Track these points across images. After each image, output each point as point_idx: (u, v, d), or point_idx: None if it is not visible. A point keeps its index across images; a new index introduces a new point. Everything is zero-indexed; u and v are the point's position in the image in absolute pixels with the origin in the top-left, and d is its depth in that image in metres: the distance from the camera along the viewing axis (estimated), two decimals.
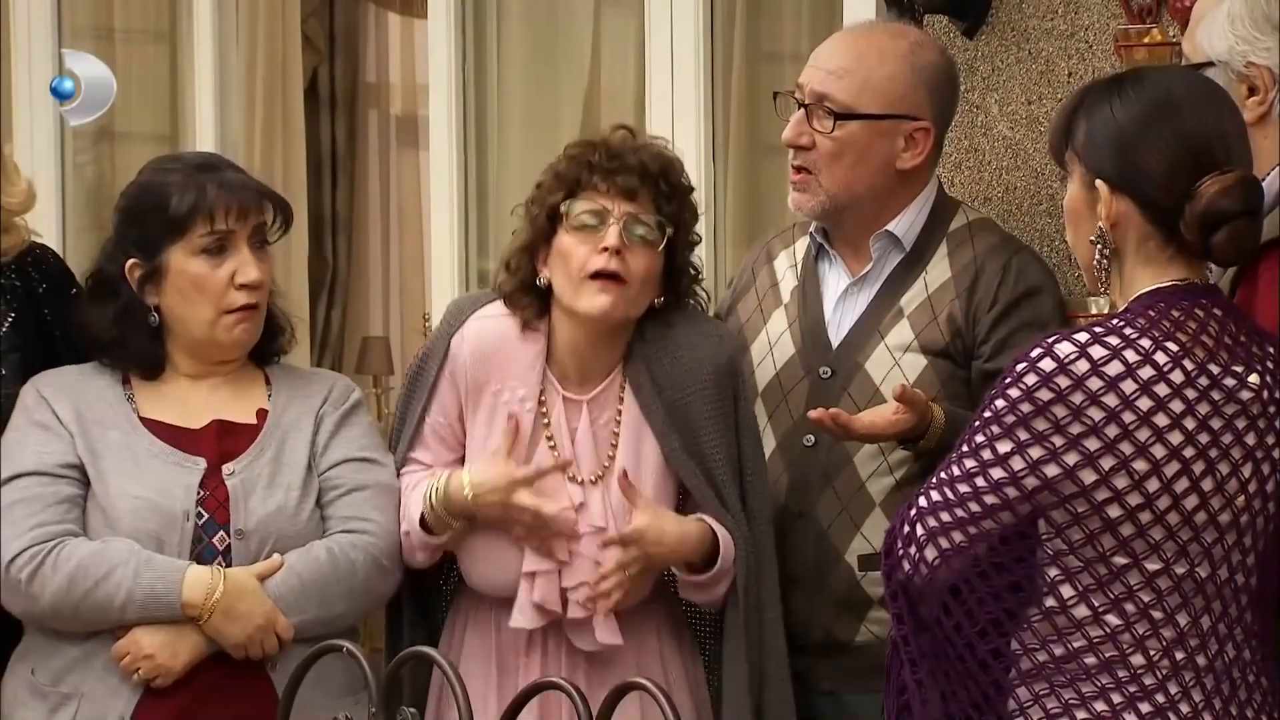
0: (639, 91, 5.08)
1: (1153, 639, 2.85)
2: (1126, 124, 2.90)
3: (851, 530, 3.71)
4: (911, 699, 2.91)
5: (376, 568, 3.60)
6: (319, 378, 3.80)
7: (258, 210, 3.65)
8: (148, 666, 3.51)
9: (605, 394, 3.66)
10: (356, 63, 7.90)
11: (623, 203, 3.58)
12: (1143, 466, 2.82)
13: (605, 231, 3.57)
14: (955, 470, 2.88)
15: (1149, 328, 2.85)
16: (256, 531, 3.56)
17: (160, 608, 3.50)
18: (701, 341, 3.67)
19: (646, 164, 3.61)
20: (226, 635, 3.52)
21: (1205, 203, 2.85)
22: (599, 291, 3.56)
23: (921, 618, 2.91)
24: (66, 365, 3.72)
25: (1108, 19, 4.02)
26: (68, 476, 3.57)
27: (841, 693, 3.73)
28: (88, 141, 6.29)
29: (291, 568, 3.55)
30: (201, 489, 3.57)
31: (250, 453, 3.62)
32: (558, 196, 3.60)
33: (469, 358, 3.66)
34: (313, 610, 3.54)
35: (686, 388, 3.64)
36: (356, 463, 3.65)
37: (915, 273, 3.78)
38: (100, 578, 3.49)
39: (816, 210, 3.77)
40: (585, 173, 3.60)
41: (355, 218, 7.92)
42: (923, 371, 3.71)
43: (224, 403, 3.67)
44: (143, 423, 3.63)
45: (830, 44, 3.83)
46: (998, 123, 4.18)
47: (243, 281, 3.62)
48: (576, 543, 3.59)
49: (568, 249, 3.59)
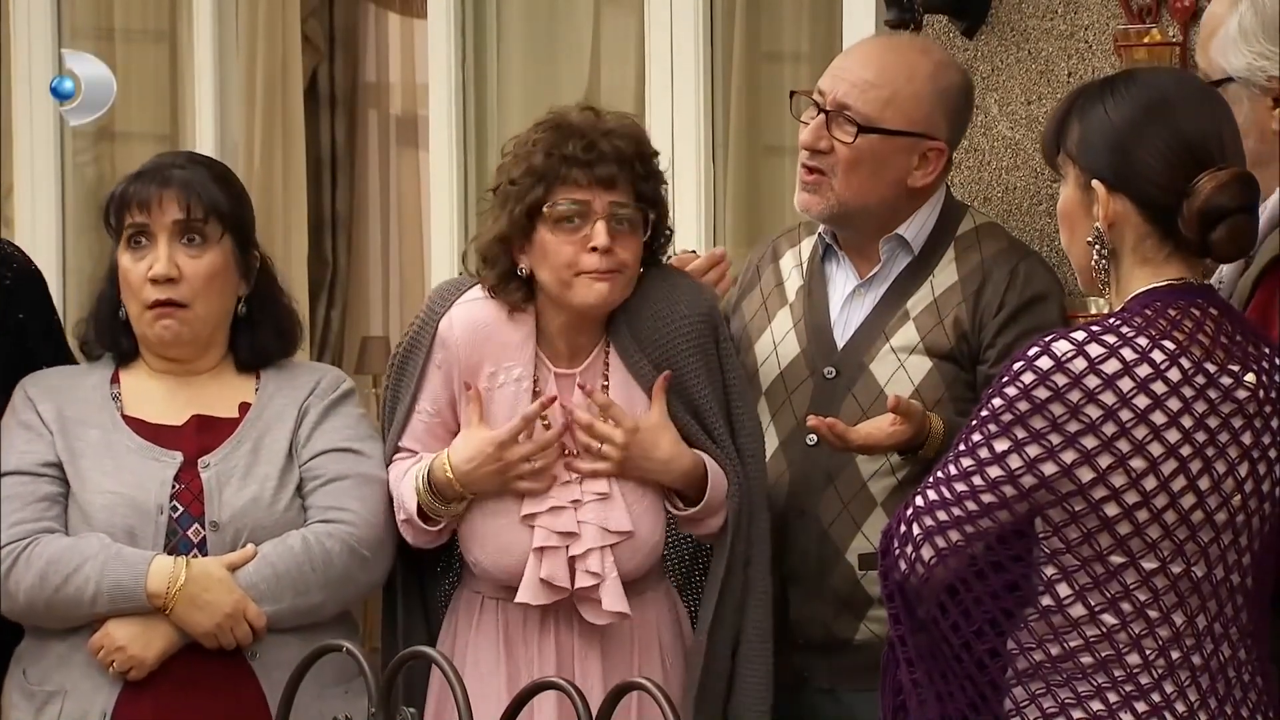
0: (639, 91, 5.08)
1: (1148, 638, 2.84)
2: (1121, 123, 2.91)
3: (853, 529, 3.71)
4: (908, 699, 2.91)
5: (355, 557, 3.59)
6: (309, 370, 3.79)
7: (178, 206, 3.62)
8: (121, 659, 3.52)
9: (594, 364, 3.66)
10: (356, 63, 7.89)
11: (603, 193, 3.56)
12: (1140, 465, 2.82)
13: (590, 227, 3.55)
14: (952, 469, 2.88)
15: (1146, 326, 2.86)
16: (231, 523, 3.56)
17: (126, 599, 3.51)
18: (678, 295, 3.67)
19: (622, 149, 3.58)
20: (193, 624, 3.52)
21: (1203, 199, 2.85)
22: (594, 283, 3.56)
23: (918, 617, 2.91)
24: (48, 364, 3.74)
25: (1108, 19, 4.02)
26: (48, 475, 3.60)
27: (840, 691, 3.73)
28: (88, 141, 6.29)
29: (265, 557, 3.55)
30: (177, 483, 3.57)
31: (227, 445, 3.62)
32: (537, 193, 3.56)
33: (461, 343, 3.64)
34: (289, 599, 3.55)
35: (668, 340, 3.64)
36: (338, 453, 3.64)
37: (922, 276, 3.78)
38: (70, 572, 3.52)
39: (824, 213, 3.77)
40: (562, 165, 3.55)
41: (355, 218, 7.91)
42: (927, 374, 3.71)
43: (208, 398, 3.67)
44: (125, 420, 3.64)
45: (858, 53, 3.84)
46: (998, 123, 4.18)
47: (151, 275, 3.61)
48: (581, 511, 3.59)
49: (552, 246, 3.56)
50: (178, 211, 3.62)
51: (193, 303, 3.63)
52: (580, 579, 3.56)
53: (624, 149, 3.58)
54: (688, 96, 4.84)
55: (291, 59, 6.68)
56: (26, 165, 6.04)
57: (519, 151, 3.62)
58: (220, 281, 3.66)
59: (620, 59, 5.46)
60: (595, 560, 3.57)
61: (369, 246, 8.04)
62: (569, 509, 3.59)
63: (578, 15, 5.62)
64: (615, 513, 3.59)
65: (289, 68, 6.67)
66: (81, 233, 6.12)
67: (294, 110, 6.76)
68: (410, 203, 7.94)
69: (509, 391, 3.63)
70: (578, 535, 3.58)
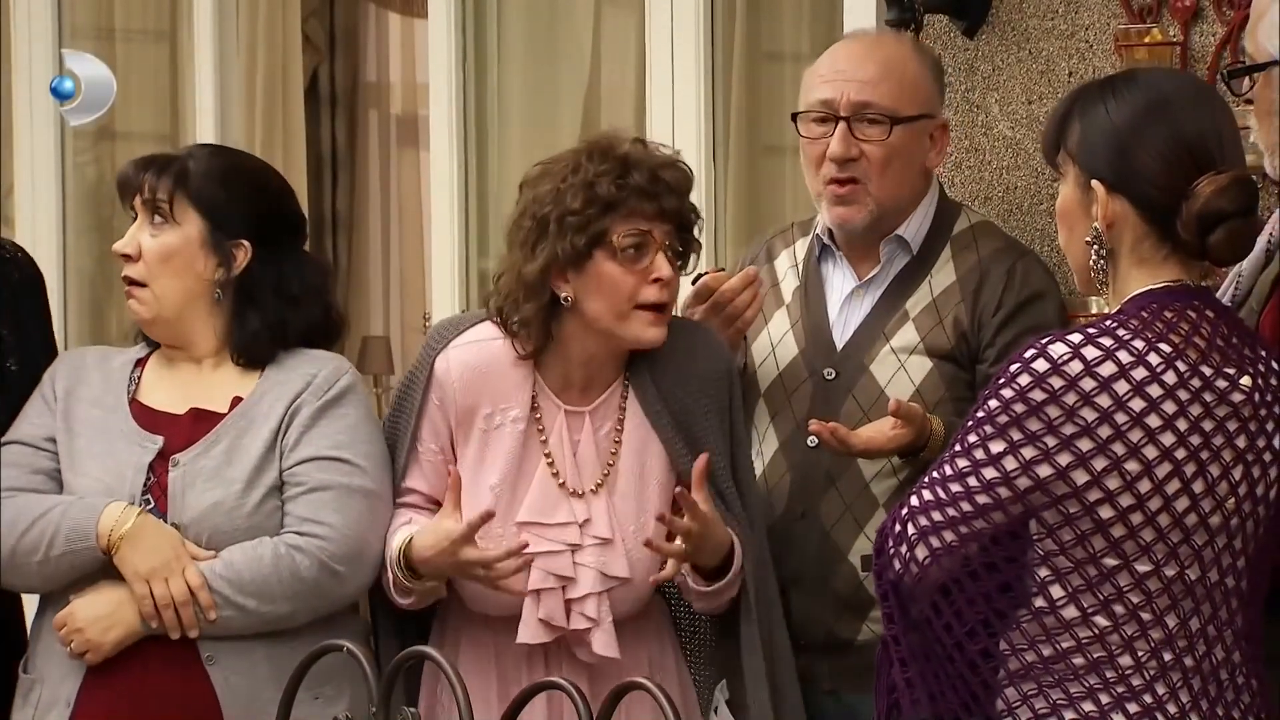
0: (639, 91, 5.08)
1: (1141, 640, 2.84)
2: (1121, 124, 2.90)
3: (855, 530, 3.71)
4: (901, 698, 2.91)
5: (325, 571, 3.53)
6: (310, 361, 3.68)
7: (148, 186, 3.63)
8: (79, 640, 3.53)
9: (606, 404, 3.62)
10: (356, 63, 7.90)
11: (661, 225, 3.52)
12: (1135, 467, 2.81)
13: (651, 260, 3.51)
14: (947, 469, 2.88)
15: (1142, 329, 2.85)
16: (192, 526, 3.55)
17: (80, 539, 3.52)
18: (699, 350, 3.64)
19: (681, 183, 3.55)
20: (131, 565, 3.50)
21: (1202, 202, 2.85)
22: (651, 324, 3.53)
23: (912, 617, 2.91)
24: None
25: (1108, 19, 4.02)
26: (47, 450, 3.63)
27: (842, 692, 3.73)
28: (88, 141, 6.29)
29: (232, 563, 3.52)
30: (152, 473, 3.57)
31: (202, 444, 3.60)
32: (603, 223, 3.49)
33: (457, 384, 3.60)
34: (253, 604, 3.52)
35: (689, 394, 3.61)
36: (324, 461, 3.58)
37: (920, 276, 3.78)
38: (37, 516, 3.54)
39: (865, 221, 3.75)
40: (630, 196, 3.50)
41: (355, 218, 7.92)
42: (928, 374, 3.71)
43: (206, 391, 3.66)
44: (132, 404, 3.65)
45: (847, 55, 3.81)
46: (998, 122, 4.18)
47: (114, 249, 3.66)
48: (579, 554, 3.56)
49: (614, 276, 3.51)
50: (147, 191, 3.64)
51: (148, 280, 3.63)
52: (575, 621, 3.54)
53: (682, 183, 3.56)
54: (688, 96, 4.84)
55: (292, 59, 6.68)
56: (26, 165, 6.04)
57: (574, 180, 3.52)
58: (179, 263, 3.63)
59: (620, 59, 5.46)
60: (592, 605, 3.54)
61: (369, 246, 8.05)
62: (567, 552, 3.56)
63: (578, 15, 5.62)
64: (614, 559, 3.56)
65: (289, 68, 6.67)
66: (81, 233, 6.12)
67: (294, 110, 6.76)
68: (410, 203, 7.95)
69: (505, 433, 3.59)
70: (574, 580, 3.55)
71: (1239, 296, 3.18)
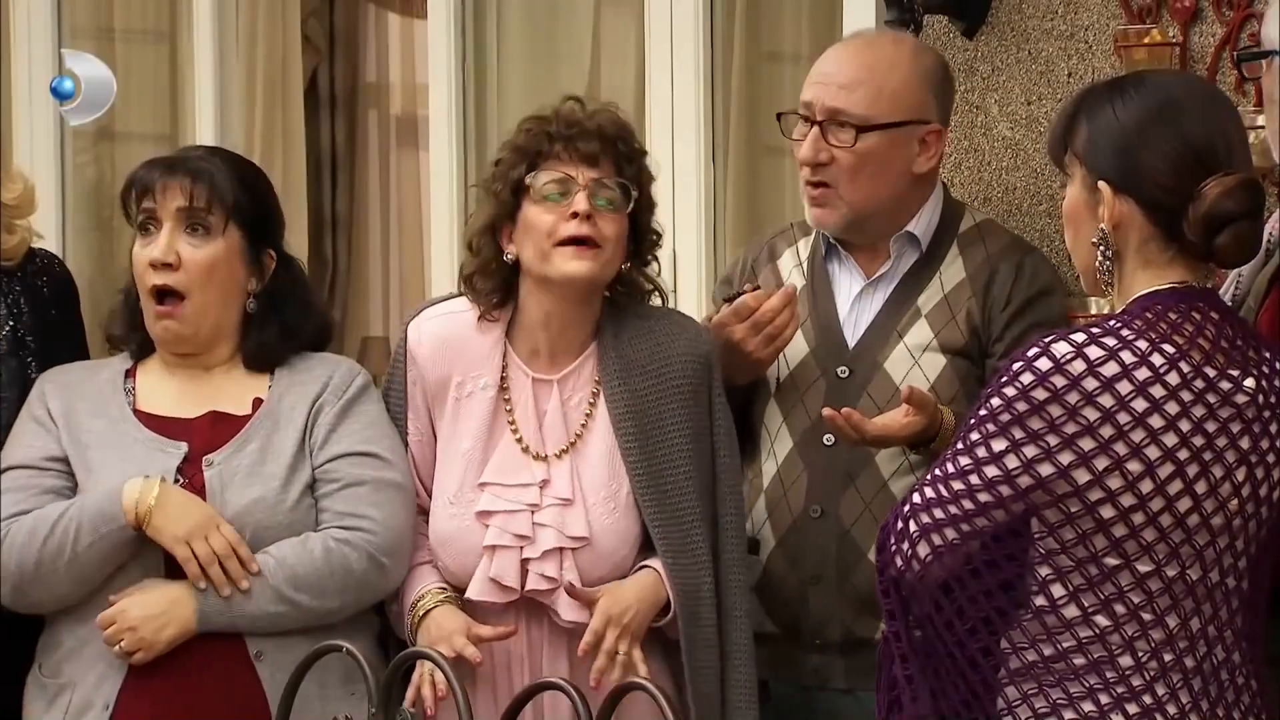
0: (639, 92, 5.08)
1: (1141, 640, 2.84)
2: (1128, 125, 2.91)
3: (874, 529, 3.68)
4: (901, 694, 2.91)
5: (374, 565, 3.57)
6: (322, 364, 3.72)
7: (182, 193, 3.61)
8: (130, 639, 3.51)
9: (576, 373, 3.66)
10: (356, 63, 7.89)
11: (586, 169, 3.58)
12: (1137, 467, 2.82)
13: (572, 199, 3.56)
14: (949, 467, 2.88)
15: (1146, 329, 2.86)
16: (234, 522, 3.54)
17: (107, 522, 3.50)
18: (679, 333, 3.67)
19: (604, 128, 3.61)
20: (168, 530, 3.50)
21: (1209, 204, 2.85)
22: (573, 257, 3.56)
23: (913, 614, 2.92)
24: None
25: (1108, 19, 4.02)
26: (53, 469, 3.61)
27: (859, 691, 3.71)
28: (88, 141, 6.29)
29: (284, 559, 3.54)
30: (180, 475, 3.57)
31: (233, 444, 3.61)
32: (520, 169, 3.59)
33: (428, 356, 3.66)
34: (306, 599, 3.53)
35: (658, 379, 3.64)
36: (357, 457, 3.62)
37: (930, 273, 3.79)
38: (55, 520, 3.52)
39: (840, 223, 3.78)
40: (545, 143, 3.59)
41: (355, 218, 7.90)
42: (942, 371, 3.72)
43: (222, 394, 3.67)
44: (136, 414, 3.65)
45: (834, 58, 3.82)
46: (998, 123, 4.18)
47: (149, 259, 3.61)
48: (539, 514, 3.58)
49: (535, 219, 3.57)
50: (182, 199, 3.62)
51: (190, 292, 3.62)
52: (532, 581, 3.56)
53: (606, 128, 3.61)
54: (688, 96, 4.84)
55: (291, 59, 6.68)
56: (26, 165, 5.98)
57: (508, 144, 3.66)
58: (222, 274, 3.64)
59: (620, 59, 5.46)
60: (552, 566, 3.56)
61: (369, 246, 8.03)
62: (525, 511, 3.59)
63: (578, 15, 5.62)
64: (574, 519, 3.58)
65: (289, 68, 6.66)
66: (81, 233, 6.11)
67: (294, 110, 6.75)
68: (410, 203, 7.93)
69: (476, 401, 3.64)
70: (531, 539, 3.57)
71: (1239, 296, 3.18)
